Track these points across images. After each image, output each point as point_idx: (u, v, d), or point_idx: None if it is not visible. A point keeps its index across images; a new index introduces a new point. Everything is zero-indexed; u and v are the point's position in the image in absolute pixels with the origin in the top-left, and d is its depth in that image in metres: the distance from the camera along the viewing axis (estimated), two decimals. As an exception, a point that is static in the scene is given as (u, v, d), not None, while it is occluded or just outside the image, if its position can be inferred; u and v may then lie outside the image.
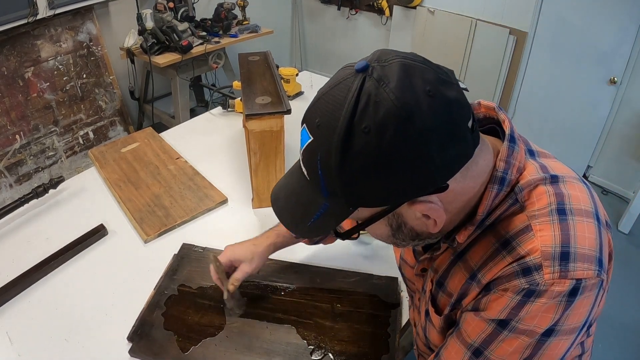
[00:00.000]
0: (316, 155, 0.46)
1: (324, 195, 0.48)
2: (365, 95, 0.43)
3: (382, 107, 0.43)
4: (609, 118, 2.68)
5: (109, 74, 2.80)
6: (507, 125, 0.56)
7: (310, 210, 0.51)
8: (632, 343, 1.85)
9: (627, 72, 2.50)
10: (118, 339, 0.82)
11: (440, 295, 0.61)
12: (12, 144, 2.40)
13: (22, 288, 0.93)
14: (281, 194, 0.58)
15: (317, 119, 0.46)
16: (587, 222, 0.50)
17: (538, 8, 2.72)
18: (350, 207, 0.49)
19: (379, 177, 0.44)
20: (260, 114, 1.05)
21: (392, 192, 0.46)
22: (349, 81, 0.45)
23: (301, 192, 0.52)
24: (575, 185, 0.53)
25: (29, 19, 2.25)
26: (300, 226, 0.55)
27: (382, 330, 0.84)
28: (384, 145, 0.43)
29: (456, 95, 0.46)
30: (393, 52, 0.47)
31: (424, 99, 0.43)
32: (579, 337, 0.51)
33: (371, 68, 0.45)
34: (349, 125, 0.43)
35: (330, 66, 4.19)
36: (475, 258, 0.55)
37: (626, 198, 2.68)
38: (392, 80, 0.43)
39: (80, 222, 1.09)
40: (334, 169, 0.45)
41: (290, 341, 0.83)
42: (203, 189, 1.23)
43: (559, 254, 0.47)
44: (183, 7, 2.78)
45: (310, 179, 0.49)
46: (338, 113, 0.44)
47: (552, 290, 0.46)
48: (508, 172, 0.52)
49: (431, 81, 0.44)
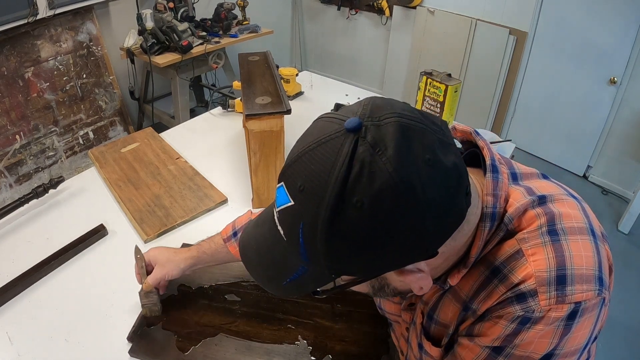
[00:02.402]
0: (298, 223, 0.42)
1: (303, 260, 0.44)
2: (358, 162, 0.38)
3: (378, 179, 0.38)
4: (609, 118, 2.68)
5: (109, 74, 2.80)
6: (486, 154, 0.53)
7: (286, 271, 0.47)
8: (633, 343, 1.85)
9: (627, 72, 2.51)
10: (118, 339, 0.82)
11: (434, 327, 0.59)
12: (12, 144, 2.40)
13: (22, 288, 0.93)
14: (251, 246, 0.53)
15: (299, 183, 0.41)
16: (582, 240, 0.48)
17: (538, 8, 2.73)
18: (333, 275, 0.45)
19: (368, 251, 0.41)
20: (260, 114, 1.05)
21: (379, 264, 0.43)
22: (337, 141, 0.40)
23: (275, 250, 0.48)
24: (565, 202, 0.51)
25: (29, 19, 2.25)
26: (274, 284, 0.51)
27: (382, 330, 0.84)
28: (376, 221, 0.39)
29: (454, 161, 0.42)
30: (387, 104, 0.43)
31: (423, 170, 0.39)
32: (582, 355, 0.49)
33: (364, 128, 0.40)
34: (339, 197, 0.38)
35: (330, 66, 4.20)
36: (465, 289, 0.52)
37: (626, 198, 2.68)
38: (390, 147, 0.39)
39: (80, 222, 1.09)
40: (319, 241, 0.41)
41: (290, 341, 0.83)
42: (203, 189, 1.23)
43: (555, 278, 0.45)
44: (183, 7, 2.78)
45: (287, 241, 0.44)
46: (325, 180, 0.39)
47: (549, 316, 0.44)
48: (497, 206, 0.49)
49: (430, 147, 0.40)
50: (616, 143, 2.72)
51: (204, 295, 0.92)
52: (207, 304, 0.90)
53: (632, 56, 2.46)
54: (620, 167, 2.74)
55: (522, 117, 3.12)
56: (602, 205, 2.71)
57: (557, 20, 2.69)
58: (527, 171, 0.57)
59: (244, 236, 0.56)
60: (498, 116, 3.20)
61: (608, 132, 2.73)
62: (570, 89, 2.78)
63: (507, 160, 0.57)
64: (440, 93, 1.50)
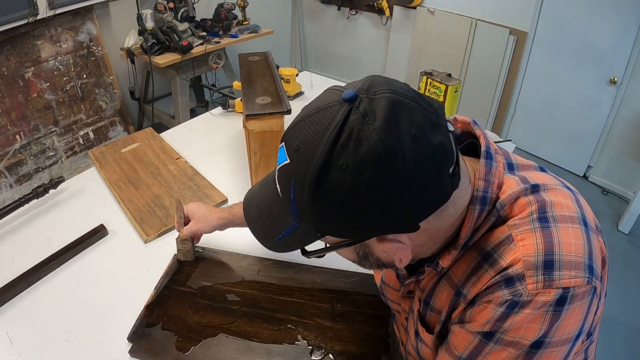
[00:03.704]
0: (290, 179, 0.45)
1: (294, 217, 0.48)
2: (348, 129, 0.42)
3: (364, 145, 0.41)
4: (609, 118, 2.68)
5: (109, 74, 2.80)
6: (482, 142, 0.54)
7: (279, 227, 0.52)
8: (633, 343, 1.85)
9: (627, 72, 2.51)
10: (118, 339, 0.82)
11: (429, 313, 0.60)
12: (12, 144, 2.41)
13: (22, 288, 0.93)
14: (253, 203, 0.58)
15: (296, 143, 0.45)
16: (573, 228, 0.48)
17: (538, 8, 2.73)
18: (318, 234, 0.48)
19: (349, 214, 0.44)
20: (261, 114, 1.05)
21: (360, 228, 0.45)
22: (334, 109, 0.43)
23: (272, 207, 0.52)
24: (559, 191, 0.52)
25: (29, 19, 2.25)
26: (269, 240, 0.55)
27: (382, 330, 0.84)
28: (358, 185, 0.41)
29: (442, 141, 0.44)
30: (385, 82, 0.45)
31: (407, 143, 0.41)
32: (575, 347, 0.49)
33: (359, 99, 0.43)
34: (326, 158, 0.42)
35: (330, 66, 4.20)
36: (458, 274, 0.54)
37: (626, 198, 2.68)
38: (378, 118, 0.41)
39: (80, 222, 1.09)
40: (305, 198, 0.44)
41: (291, 341, 0.83)
42: (203, 189, 1.23)
43: (542, 262, 0.46)
44: (183, 8, 2.78)
45: (282, 198, 0.48)
46: (317, 142, 0.42)
47: (536, 300, 0.45)
48: (488, 190, 0.50)
49: (418, 124, 0.42)
50: (616, 143, 2.72)
51: (204, 295, 0.92)
52: (207, 304, 0.90)
53: (632, 56, 2.46)
54: (620, 167, 2.74)
55: (522, 117, 3.12)
56: (602, 205, 2.71)
57: (557, 20, 2.69)
58: (525, 163, 0.58)
59: (248, 194, 0.60)
60: (498, 116, 3.20)
61: (608, 132, 2.73)
62: (570, 89, 2.78)
63: (505, 151, 0.58)
64: (440, 93, 1.50)
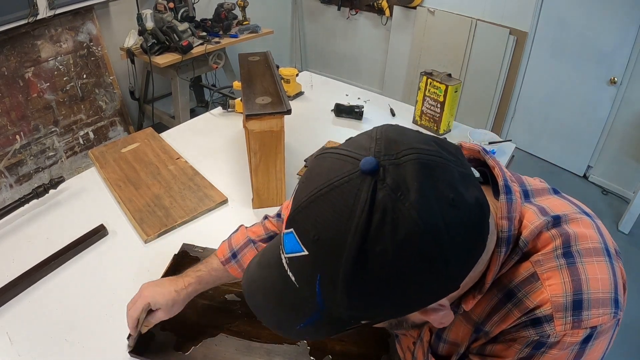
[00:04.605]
0: (314, 274, 0.39)
1: (319, 307, 0.41)
2: (379, 209, 0.36)
3: (402, 227, 0.35)
4: (609, 118, 2.68)
5: (109, 74, 2.80)
6: (498, 174, 0.51)
7: (299, 316, 0.44)
8: (633, 343, 1.85)
9: (627, 72, 2.51)
10: (118, 339, 0.82)
11: (442, 345, 0.58)
12: (12, 144, 2.41)
13: (22, 288, 0.93)
14: (258, 289, 0.49)
15: (312, 232, 0.38)
16: (598, 262, 0.46)
17: (538, 8, 2.73)
18: (352, 321, 0.43)
19: (391, 300, 0.39)
20: (261, 114, 1.05)
21: (402, 309, 0.41)
22: (353, 185, 0.37)
23: (286, 295, 0.44)
24: (580, 221, 0.49)
25: (29, 19, 2.25)
26: (286, 329, 0.48)
27: (382, 330, 0.84)
28: (401, 269, 0.36)
29: (477, 196, 0.40)
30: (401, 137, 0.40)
31: (448, 212, 0.37)
32: None
33: (382, 169, 0.37)
34: (360, 248, 0.36)
35: (330, 66, 4.20)
36: (476, 310, 0.51)
37: (626, 198, 2.68)
38: (412, 189, 0.36)
39: (80, 222, 1.09)
40: (339, 293, 0.38)
41: (291, 341, 0.83)
42: (203, 189, 1.23)
43: (571, 303, 0.44)
44: (183, 8, 2.78)
45: (300, 288, 0.42)
46: (343, 229, 0.36)
47: (564, 341, 0.44)
48: (511, 229, 0.48)
49: (453, 184, 0.38)
50: (616, 143, 2.72)
51: (204, 295, 0.91)
52: (207, 304, 0.89)
53: (632, 56, 2.46)
54: (620, 167, 2.74)
55: (522, 117, 3.12)
56: (602, 205, 2.71)
57: (557, 20, 2.69)
58: (538, 187, 0.55)
59: (247, 279, 0.52)
60: (498, 116, 3.20)
61: (608, 132, 2.73)
62: (570, 89, 2.78)
63: (517, 176, 0.56)
64: (440, 93, 1.50)
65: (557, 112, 2.91)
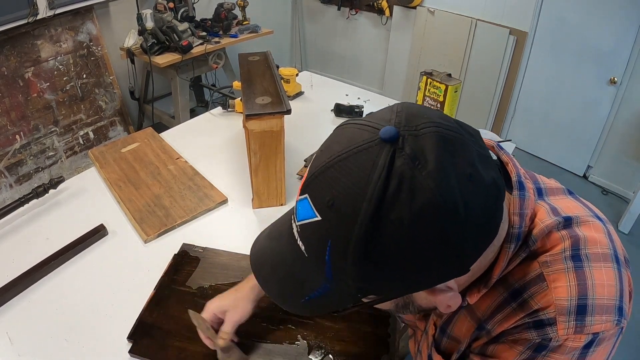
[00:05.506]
0: (325, 240, 0.39)
1: (327, 279, 0.41)
2: (396, 177, 0.35)
3: (420, 196, 0.35)
4: (609, 118, 2.68)
5: (109, 74, 2.80)
6: (512, 170, 0.51)
7: (306, 287, 0.44)
8: (633, 344, 1.85)
9: (627, 72, 2.51)
10: (118, 339, 0.82)
11: (445, 340, 0.58)
12: (12, 144, 2.41)
13: (22, 288, 0.93)
14: (266, 261, 0.49)
15: (328, 197, 0.38)
16: (606, 268, 0.46)
17: (538, 8, 2.73)
18: (359, 295, 0.42)
19: (402, 272, 0.38)
20: (260, 114, 1.04)
21: (412, 285, 0.41)
22: (372, 152, 0.37)
23: (294, 266, 0.44)
24: (591, 225, 0.49)
25: (29, 19, 2.25)
26: (292, 302, 0.48)
27: (382, 330, 0.84)
28: (416, 241, 0.36)
29: (493, 176, 0.39)
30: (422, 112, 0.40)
31: (465, 186, 0.36)
32: None
33: (401, 138, 0.37)
34: (374, 215, 0.35)
35: (330, 66, 4.20)
36: (481, 307, 0.51)
37: (626, 198, 2.68)
38: (430, 160, 0.36)
39: (80, 222, 1.09)
40: (349, 262, 0.38)
41: (290, 341, 0.83)
42: (203, 189, 1.23)
43: (576, 307, 0.43)
44: (183, 7, 2.78)
45: (309, 258, 0.42)
46: (359, 195, 0.36)
47: (565, 345, 0.43)
48: (522, 225, 0.47)
49: (472, 161, 0.38)
50: (616, 143, 2.72)
51: (204, 295, 0.91)
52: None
53: (632, 56, 2.46)
54: (620, 167, 2.74)
55: (522, 117, 3.12)
56: (602, 205, 2.71)
57: (557, 20, 2.69)
58: (553, 186, 0.55)
59: (256, 250, 0.51)
60: (498, 116, 3.20)
61: (608, 132, 2.73)
62: (570, 89, 2.78)
63: (531, 174, 0.55)
64: (440, 93, 1.50)
65: (557, 111, 2.91)
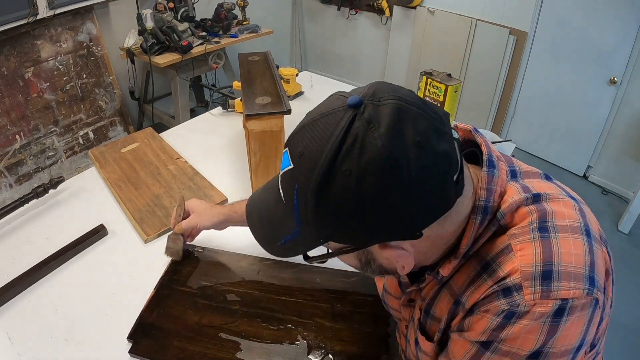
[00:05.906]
0: (294, 184, 0.46)
1: (296, 222, 0.48)
2: (352, 135, 0.42)
3: (367, 152, 0.41)
4: (609, 118, 2.68)
5: (109, 74, 2.80)
6: (484, 149, 0.54)
7: (282, 232, 0.52)
8: (633, 343, 1.85)
9: (627, 72, 2.51)
10: (118, 339, 0.82)
11: (429, 322, 0.60)
12: (12, 144, 2.41)
13: (22, 288, 0.93)
14: (256, 208, 0.58)
15: (299, 148, 0.45)
16: (574, 238, 0.48)
17: (538, 8, 2.73)
18: (321, 240, 0.49)
19: (351, 220, 0.44)
20: (260, 114, 1.04)
21: (363, 235, 0.46)
22: (338, 115, 0.44)
23: (275, 212, 0.52)
24: (561, 201, 0.51)
25: (29, 19, 2.25)
26: (272, 245, 0.55)
27: (382, 330, 0.84)
28: (362, 192, 0.42)
29: (446, 149, 0.44)
30: (390, 89, 0.45)
31: (412, 150, 0.41)
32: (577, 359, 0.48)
33: (364, 105, 0.43)
34: (330, 164, 0.42)
35: (330, 66, 4.20)
36: (458, 283, 0.54)
37: (626, 198, 2.68)
38: (383, 125, 0.42)
39: (80, 222, 1.09)
40: (309, 203, 0.44)
41: (290, 341, 0.83)
42: (203, 189, 1.23)
43: (540, 273, 0.45)
44: (183, 7, 2.78)
45: (285, 203, 0.48)
46: (321, 148, 0.43)
47: (534, 311, 0.45)
48: (490, 200, 0.50)
49: (423, 131, 0.42)
50: (616, 143, 2.72)
51: (204, 295, 0.92)
52: (207, 304, 0.89)
53: (632, 56, 2.46)
54: (620, 167, 2.74)
55: (522, 117, 3.12)
56: (602, 205, 2.71)
57: (557, 20, 2.69)
58: (529, 170, 0.57)
59: (251, 199, 0.60)
60: (498, 116, 3.20)
61: (608, 132, 2.73)
62: (570, 89, 2.78)
63: (508, 158, 0.58)
64: (440, 93, 1.50)
65: (557, 112, 2.91)
